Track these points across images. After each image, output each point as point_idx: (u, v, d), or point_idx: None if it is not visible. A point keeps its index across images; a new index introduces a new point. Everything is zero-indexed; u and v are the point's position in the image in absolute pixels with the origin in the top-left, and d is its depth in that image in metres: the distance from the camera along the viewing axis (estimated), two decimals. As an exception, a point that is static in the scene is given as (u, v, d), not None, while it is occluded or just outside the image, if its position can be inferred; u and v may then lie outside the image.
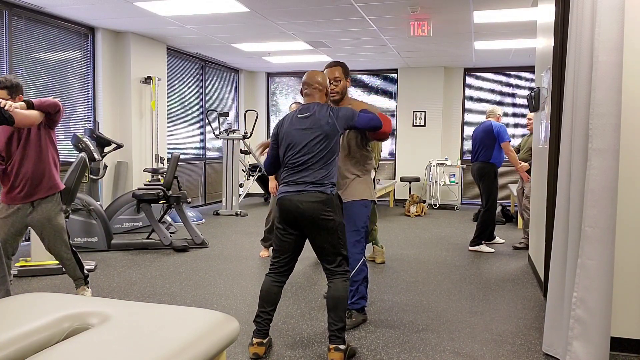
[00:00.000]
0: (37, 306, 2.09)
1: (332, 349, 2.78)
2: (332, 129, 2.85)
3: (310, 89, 2.97)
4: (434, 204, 9.74)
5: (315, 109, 2.90)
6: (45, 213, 3.53)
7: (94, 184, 6.34)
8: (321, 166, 2.84)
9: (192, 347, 1.81)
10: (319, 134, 2.83)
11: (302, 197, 2.79)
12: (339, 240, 2.84)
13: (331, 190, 2.83)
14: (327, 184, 2.83)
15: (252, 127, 10.21)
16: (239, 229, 7.12)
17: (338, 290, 2.82)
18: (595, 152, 2.61)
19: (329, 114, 2.87)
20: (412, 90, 10.00)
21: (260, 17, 6.19)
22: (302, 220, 2.81)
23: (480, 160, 5.80)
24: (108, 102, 7.17)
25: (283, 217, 2.88)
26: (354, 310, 3.44)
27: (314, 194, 2.79)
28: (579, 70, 2.68)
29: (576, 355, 2.68)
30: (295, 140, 2.88)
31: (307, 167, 2.84)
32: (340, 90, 3.39)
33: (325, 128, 2.84)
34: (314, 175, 2.82)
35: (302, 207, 2.78)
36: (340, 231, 2.85)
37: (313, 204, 2.78)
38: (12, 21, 5.79)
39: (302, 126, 2.88)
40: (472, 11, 5.81)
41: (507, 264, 5.25)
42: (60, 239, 3.62)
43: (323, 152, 2.84)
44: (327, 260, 2.86)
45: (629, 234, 2.95)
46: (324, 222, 2.79)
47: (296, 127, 2.89)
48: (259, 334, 2.93)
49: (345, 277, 2.86)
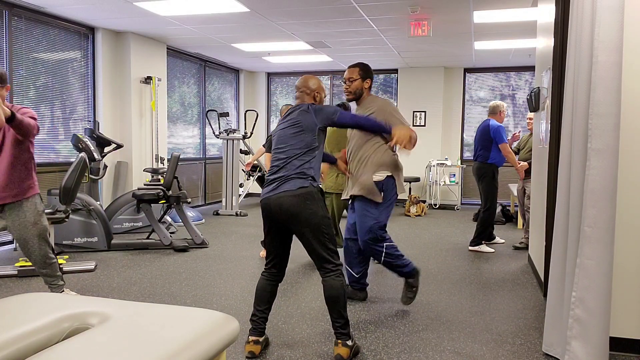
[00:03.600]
0: (37, 306, 2.09)
1: (339, 343, 2.81)
2: (309, 122, 2.87)
3: (299, 92, 3.07)
4: (434, 204, 9.74)
5: (298, 107, 2.98)
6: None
7: (94, 184, 6.34)
8: (300, 160, 2.83)
9: (192, 347, 1.81)
10: (297, 128, 2.88)
11: (281, 193, 2.78)
12: (324, 235, 2.80)
13: (310, 184, 2.81)
14: (307, 177, 2.81)
15: (252, 127, 10.21)
16: (239, 229, 7.12)
17: (333, 288, 2.80)
18: (594, 152, 2.61)
19: (308, 107, 2.93)
20: (412, 90, 10.00)
21: (260, 17, 6.19)
22: (283, 216, 2.79)
23: (479, 160, 5.79)
24: (108, 102, 7.17)
25: (266, 217, 2.89)
26: (410, 279, 3.72)
27: (292, 189, 2.77)
28: (578, 70, 2.68)
29: (575, 354, 2.68)
30: (277, 138, 2.96)
31: (286, 163, 2.85)
32: (353, 91, 3.50)
33: (302, 121, 2.88)
34: (293, 170, 2.82)
35: (281, 202, 2.77)
36: (325, 225, 2.80)
37: (292, 199, 2.75)
38: (12, 21, 5.79)
39: (285, 125, 2.96)
40: (472, 11, 5.81)
41: (507, 264, 5.25)
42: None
43: (300, 144, 2.85)
44: (317, 256, 2.83)
45: (628, 234, 2.95)
46: (304, 216, 2.75)
47: (280, 127, 3.00)
48: (254, 332, 2.94)
49: (337, 272, 2.83)
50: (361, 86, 3.51)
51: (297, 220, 2.77)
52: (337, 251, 2.87)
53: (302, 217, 2.76)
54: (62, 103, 6.53)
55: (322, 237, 2.80)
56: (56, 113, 6.45)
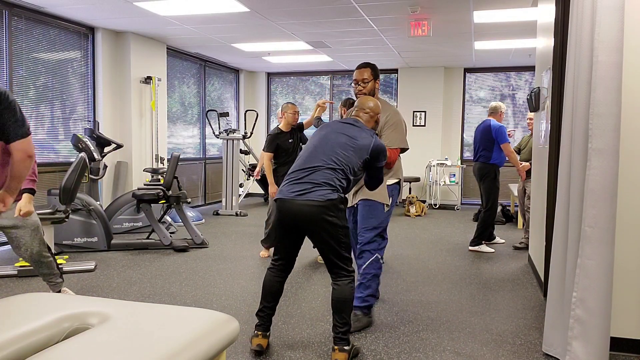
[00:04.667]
0: (37, 306, 2.09)
1: (336, 349, 2.78)
2: (365, 148, 2.86)
3: (363, 112, 3.09)
4: (434, 204, 9.74)
5: (364, 126, 2.98)
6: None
7: (94, 184, 6.34)
8: (334, 172, 2.77)
9: (192, 347, 1.81)
10: (351, 144, 2.85)
11: (304, 200, 2.70)
12: (341, 244, 2.78)
13: (338, 195, 2.75)
14: (335, 189, 2.75)
15: (252, 127, 10.21)
16: (239, 229, 7.12)
17: (343, 292, 2.78)
18: (595, 152, 2.60)
19: (372, 136, 2.93)
20: (412, 90, 10.00)
21: (260, 17, 6.19)
22: (303, 223, 2.73)
23: (480, 160, 5.79)
24: (108, 102, 7.17)
25: (282, 219, 2.81)
26: (360, 313, 3.38)
27: (317, 197, 2.70)
28: (579, 70, 2.68)
29: (576, 355, 2.68)
30: (323, 136, 2.90)
31: (319, 168, 2.78)
32: (368, 92, 3.47)
33: (359, 143, 2.86)
34: (323, 177, 2.75)
35: (304, 210, 2.70)
36: (343, 235, 2.77)
37: (316, 208, 2.68)
38: (12, 21, 5.79)
39: (341, 130, 2.92)
40: (472, 11, 5.81)
41: (507, 264, 5.25)
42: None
43: (343, 158, 2.81)
44: (330, 262, 2.81)
45: (628, 234, 2.95)
46: (324, 226, 2.71)
47: (333, 129, 2.94)
48: (260, 327, 2.94)
49: (350, 279, 2.82)
50: (374, 87, 3.49)
51: (315, 228, 2.73)
52: (351, 259, 2.86)
53: (322, 227, 2.71)
54: (62, 103, 6.53)
55: (339, 246, 2.77)
56: (56, 113, 6.45)
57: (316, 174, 2.77)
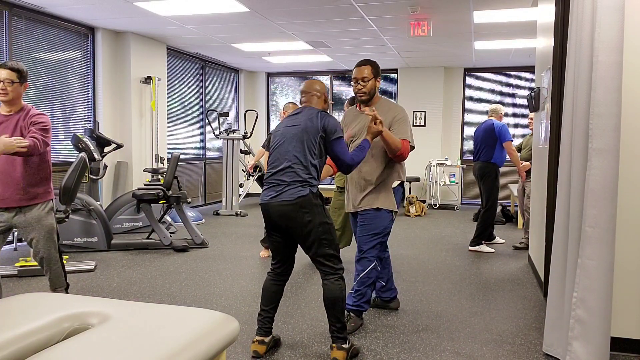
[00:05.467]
0: (37, 306, 2.09)
1: (334, 347, 2.80)
2: (314, 127, 2.81)
3: (307, 96, 2.97)
4: (434, 204, 9.74)
5: (306, 109, 2.91)
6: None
7: (94, 184, 6.34)
8: (298, 166, 2.78)
9: (192, 347, 1.81)
10: (301, 130, 2.81)
11: (279, 200, 2.76)
12: (323, 241, 2.78)
13: (310, 190, 2.76)
14: (305, 185, 2.76)
15: (252, 127, 10.21)
16: (239, 229, 7.12)
17: (332, 290, 2.79)
18: (595, 152, 2.60)
19: (317, 114, 2.85)
20: (412, 90, 10.00)
21: (260, 17, 6.19)
22: (283, 223, 2.79)
23: (481, 160, 5.80)
24: (108, 102, 7.17)
25: (267, 222, 2.88)
26: (353, 314, 3.37)
27: (288, 197, 2.74)
28: (579, 70, 2.68)
29: (576, 355, 2.68)
30: (279, 137, 2.89)
31: (285, 166, 2.80)
32: (368, 91, 3.31)
33: (309, 125, 2.81)
34: (290, 176, 2.78)
35: (280, 211, 2.76)
36: (323, 231, 2.77)
37: (290, 207, 2.73)
38: (12, 21, 5.79)
39: (289, 124, 2.89)
40: (472, 11, 5.81)
41: (507, 264, 5.24)
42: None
43: (303, 149, 2.79)
44: (317, 261, 2.83)
45: (629, 234, 2.95)
46: (302, 224, 2.74)
47: (284, 125, 2.92)
48: (260, 331, 2.95)
49: (337, 276, 2.82)
50: (374, 85, 3.34)
51: (295, 227, 2.77)
52: (338, 256, 2.85)
53: (300, 225, 2.75)
54: (62, 103, 6.53)
55: (319, 243, 2.78)
56: (56, 113, 6.45)
57: (284, 174, 2.80)
